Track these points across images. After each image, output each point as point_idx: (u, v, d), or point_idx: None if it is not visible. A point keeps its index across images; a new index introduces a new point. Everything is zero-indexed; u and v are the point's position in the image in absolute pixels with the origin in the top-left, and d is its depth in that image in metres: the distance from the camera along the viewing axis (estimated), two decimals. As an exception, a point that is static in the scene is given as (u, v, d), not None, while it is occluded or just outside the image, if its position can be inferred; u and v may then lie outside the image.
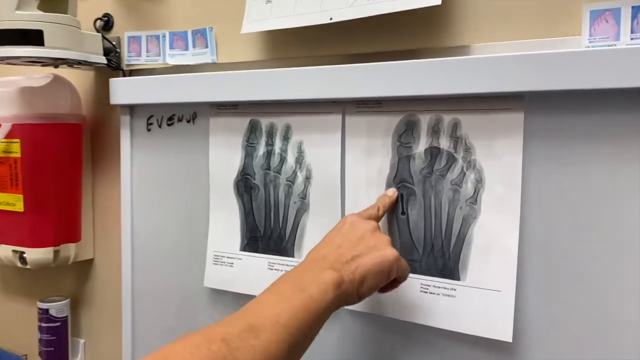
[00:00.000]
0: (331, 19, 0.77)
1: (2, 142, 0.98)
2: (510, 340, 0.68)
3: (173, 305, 0.98)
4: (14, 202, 1.01)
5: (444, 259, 0.73)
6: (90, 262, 1.12)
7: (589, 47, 0.66)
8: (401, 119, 0.76)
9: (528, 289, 0.69)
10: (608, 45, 0.65)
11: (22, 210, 1.00)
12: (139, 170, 1.00)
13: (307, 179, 0.83)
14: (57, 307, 1.09)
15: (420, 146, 0.75)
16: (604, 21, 0.65)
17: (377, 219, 0.72)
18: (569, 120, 0.66)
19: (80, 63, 0.94)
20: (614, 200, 0.64)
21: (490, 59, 0.67)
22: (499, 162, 0.70)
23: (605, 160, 0.65)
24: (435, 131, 0.74)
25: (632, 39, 0.64)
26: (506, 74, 0.66)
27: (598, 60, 0.62)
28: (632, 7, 0.63)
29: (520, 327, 0.69)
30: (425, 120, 0.74)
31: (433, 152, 0.74)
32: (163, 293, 0.99)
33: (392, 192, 0.76)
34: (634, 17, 0.63)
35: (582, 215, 0.66)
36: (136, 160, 1.00)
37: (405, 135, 0.76)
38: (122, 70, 1.02)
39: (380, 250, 0.65)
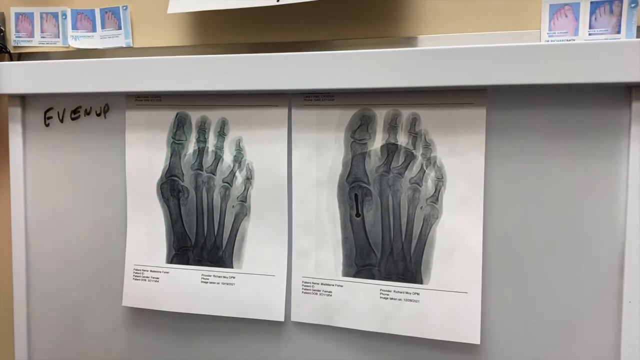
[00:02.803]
0: (278, 1, 0.69)
1: None
2: (479, 342, 0.65)
3: (83, 332, 0.83)
4: None
5: (405, 262, 0.69)
6: (-33, 284, 0.93)
7: (548, 41, 0.65)
8: (355, 113, 0.70)
9: (493, 289, 0.67)
10: (567, 40, 0.65)
11: None
12: (34, 173, 0.83)
13: (248, 179, 0.74)
14: None
15: (376, 142, 0.70)
16: (563, 15, 0.64)
17: None
18: (530, 115, 0.65)
19: (-45, 42, 0.76)
20: (576, 196, 0.64)
21: (451, 51, 0.64)
22: (461, 159, 0.67)
23: (565, 155, 0.64)
24: (392, 127, 0.69)
25: (590, 34, 0.64)
26: (468, 67, 0.63)
27: (558, 55, 0.61)
28: (591, 3, 0.63)
29: (487, 328, 0.67)
30: (381, 115, 0.69)
31: (390, 149, 0.69)
32: (69, 318, 0.84)
33: None
34: (592, 13, 0.63)
35: (546, 212, 0.65)
36: (31, 161, 0.83)
37: (359, 130, 0.70)
38: (9, 53, 0.85)
39: None
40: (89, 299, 0.82)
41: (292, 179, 0.73)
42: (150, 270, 0.79)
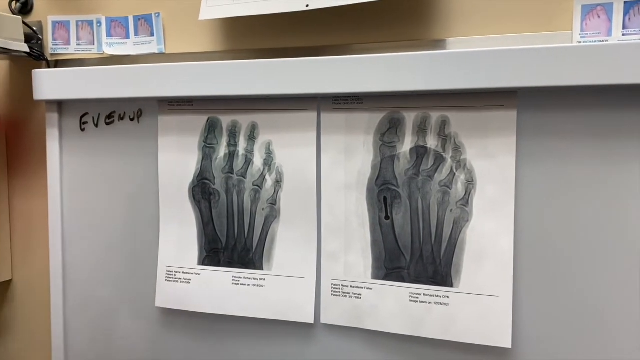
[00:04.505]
0: (307, 5, 0.69)
1: None
2: (510, 346, 0.65)
3: (117, 331, 0.85)
4: None
5: (434, 265, 0.69)
6: (7, 284, 0.96)
7: (580, 42, 0.65)
8: (384, 117, 0.71)
9: (524, 292, 0.66)
10: (599, 41, 0.64)
11: None
12: (70, 177, 0.86)
13: (278, 182, 0.75)
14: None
15: (406, 145, 0.70)
16: (595, 16, 0.64)
17: None
18: (561, 117, 0.65)
19: (-4, 50, 0.79)
20: (609, 199, 0.63)
21: (481, 53, 0.64)
22: (492, 161, 0.66)
23: (597, 158, 0.64)
24: (421, 129, 0.69)
25: (623, 34, 0.63)
26: (498, 69, 0.63)
27: (590, 56, 0.60)
28: (625, 3, 0.62)
29: (518, 331, 0.66)
30: (410, 117, 0.70)
31: (419, 152, 0.69)
32: (103, 318, 0.86)
33: None
34: (626, 13, 0.62)
35: (577, 215, 0.64)
36: (67, 165, 0.86)
37: (388, 133, 0.71)
38: (47, 60, 0.88)
39: None
40: (122, 299, 0.84)
41: (322, 182, 0.73)
42: (182, 272, 0.80)
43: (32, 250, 0.93)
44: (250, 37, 0.79)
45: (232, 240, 0.78)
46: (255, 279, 0.77)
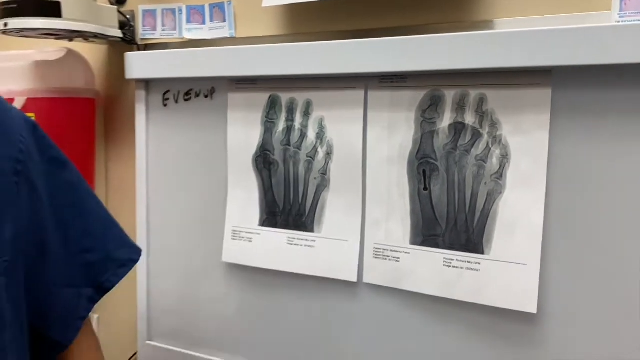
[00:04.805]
0: (356, -8, 0.76)
1: (16, 117, 0.97)
2: (535, 312, 0.69)
3: (190, 281, 0.98)
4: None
5: (467, 233, 0.74)
6: (103, 238, 1.12)
7: (619, 22, 0.66)
8: (426, 94, 0.76)
9: (551, 262, 0.70)
10: (639, 20, 0.65)
11: (36, 185, 0.99)
12: (154, 146, 0.99)
13: (328, 154, 0.83)
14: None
15: (445, 121, 0.75)
16: (635, -4, 0.65)
17: None
18: (596, 96, 0.67)
19: (96, 36, 0.93)
20: (637, 176, 0.65)
21: (517, 33, 0.67)
22: (526, 138, 0.70)
23: (629, 135, 0.65)
24: (460, 106, 0.74)
25: (663, 14, 0.64)
26: (534, 48, 0.66)
27: (627, 35, 0.62)
28: (665, -18, 0.63)
29: (543, 299, 0.70)
30: (450, 95, 0.74)
31: (457, 128, 0.74)
32: (179, 270, 0.99)
33: None
34: (666, -8, 0.63)
35: (607, 191, 0.66)
36: (152, 136, 0.99)
37: (429, 110, 0.76)
38: (137, 44, 1.01)
39: None
40: (195, 255, 0.96)
41: (367, 155, 0.80)
42: (245, 232, 0.91)
43: (122, 210, 1.08)
44: (309, 21, 0.87)
45: (288, 205, 0.87)
46: (306, 240, 0.85)
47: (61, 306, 0.65)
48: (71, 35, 0.92)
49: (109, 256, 0.69)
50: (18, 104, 0.96)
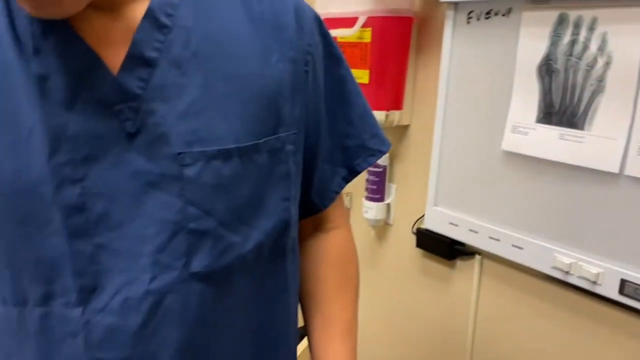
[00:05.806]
0: None
1: (358, 31, 1.34)
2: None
3: (474, 164, 1.26)
4: (361, 76, 1.39)
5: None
6: (406, 127, 1.47)
7: None
8: None
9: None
10: None
11: (367, 82, 1.37)
12: (456, 56, 1.26)
13: (607, 64, 0.98)
14: (382, 157, 1.47)
15: None
16: None
17: None
18: None
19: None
20: None
21: None
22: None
23: None
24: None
25: None
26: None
27: None
28: None
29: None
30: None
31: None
32: (465, 154, 1.27)
33: None
34: None
35: None
36: (455, 48, 1.26)
37: None
38: (450, -28, 1.26)
39: None
40: (482, 143, 1.23)
41: (642, 67, 0.94)
42: (523, 127, 1.13)
43: (424, 106, 1.40)
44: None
45: (564, 107, 1.06)
46: (577, 136, 1.04)
47: (320, 178, 0.76)
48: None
49: (363, 144, 0.78)
50: (360, 21, 1.33)
